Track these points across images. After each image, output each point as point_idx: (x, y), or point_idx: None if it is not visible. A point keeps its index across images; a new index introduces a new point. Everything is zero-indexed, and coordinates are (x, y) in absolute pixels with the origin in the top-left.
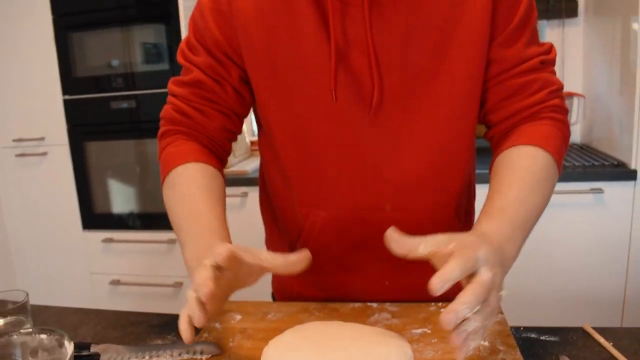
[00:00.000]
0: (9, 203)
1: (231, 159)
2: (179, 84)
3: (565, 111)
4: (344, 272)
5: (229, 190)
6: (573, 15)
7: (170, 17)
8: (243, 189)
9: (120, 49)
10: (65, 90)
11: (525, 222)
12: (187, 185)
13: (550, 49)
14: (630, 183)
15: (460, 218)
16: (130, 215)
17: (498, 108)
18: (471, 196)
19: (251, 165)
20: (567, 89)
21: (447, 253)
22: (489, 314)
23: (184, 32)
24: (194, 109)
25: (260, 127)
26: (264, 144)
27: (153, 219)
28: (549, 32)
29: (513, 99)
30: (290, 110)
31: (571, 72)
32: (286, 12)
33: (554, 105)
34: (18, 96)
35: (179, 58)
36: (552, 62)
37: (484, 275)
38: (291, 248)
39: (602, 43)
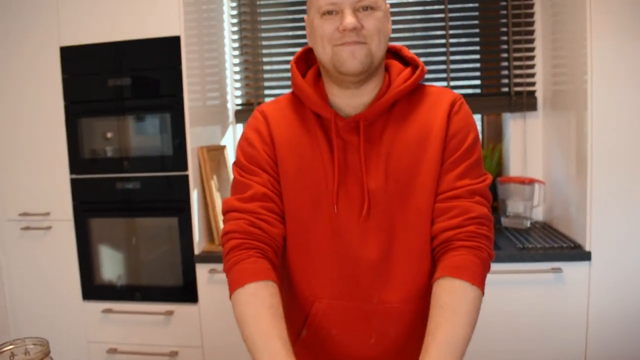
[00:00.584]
0: (11, 273)
1: None
2: (244, 200)
3: (482, 236)
4: (342, 347)
5: None
6: (533, 109)
7: (175, 107)
8: None
9: (127, 134)
10: (72, 170)
11: (455, 350)
12: (260, 306)
13: (483, 180)
14: (586, 263)
15: None
16: (130, 287)
17: (432, 225)
18: None
19: None
20: (529, 175)
21: None
22: None
23: (188, 122)
24: (264, 221)
25: None
26: None
27: (151, 291)
28: (512, 123)
29: (437, 220)
30: (299, 219)
31: (532, 160)
32: (309, 143)
33: (468, 232)
34: (27, 174)
35: (237, 176)
36: (480, 193)
37: None
38: (298, 332)
39: (559, 134)
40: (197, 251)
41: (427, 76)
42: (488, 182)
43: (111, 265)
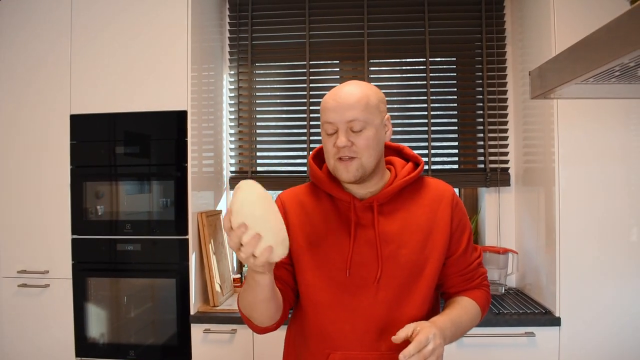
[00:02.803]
0: (4, 330)
1: (220, 297)
2: None
3: (488, 286)
4: None
5: (219, 327)
6: (506, 184)
7: (179, 175)
8: (232, 326)
9: (130, 198)
10: (74, 231)
11: (458, 323)
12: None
13: (480, 253)
14: (556, 328)
15: None
16: (124, 345)
17: (454, 289)
18: None
19: None
20: (502, 245)
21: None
22: None
23: (190, 189)
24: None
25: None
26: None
27: (145, 350)
28: (487, 197)
29: (464, 284)
30: (312, 284)
31: (506, 231)
32: (323, 222)
33: (483, 285)
34: (29, 232)
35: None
36: (481, 261)
37: (429, 346)
38: None
39: (530, 207)
40: (192, 311)
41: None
42: (481, 251)
43: (106, 323)
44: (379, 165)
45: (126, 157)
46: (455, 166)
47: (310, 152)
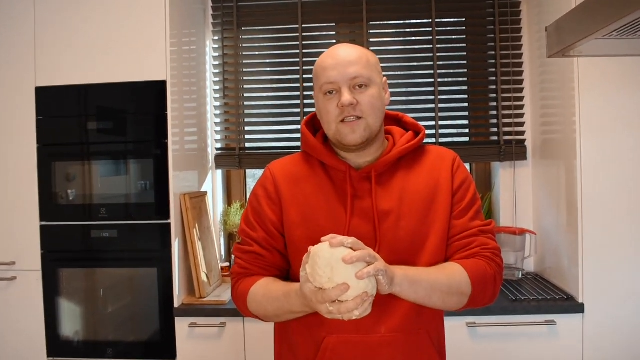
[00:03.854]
0: None
1: (207, 287)
2: (243, 252)
3: (495, 263)
4: None
5: (206, 320)
6: (522, 158)
7: (159, 153)
8: (221, 319)
9: (105, 180)
10: (43, 217)
11: (419, 275)
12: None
13: (489, 223)
14: (579, 315)
15: (433, 341)
16: (101, 343)
17: (449, 259)
18: (440, 325)
19: (227, 294)
20: (519, 225)
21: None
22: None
23: (172, 169)
24: (249, 270)
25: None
26: None
27: (125, 347)
28: (502, 172)
29: (457, 253)
30: None
31: (523, 210)
32: (316, 194)
33: (484, 256)
34: None
35: (240, 234)
36: (490, 232)
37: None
38: None
39: (549, 183)
40: (176, 304)
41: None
42: (493, 225)
43: (81, 319)
44: (380, 132)
45: (100, 134)
46: (466, 139)
47: None
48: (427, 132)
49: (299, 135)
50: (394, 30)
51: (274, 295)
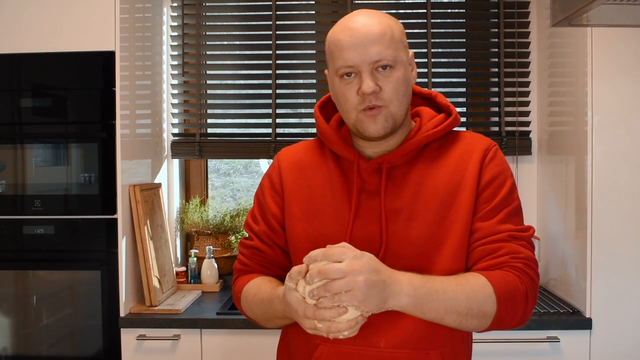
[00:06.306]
0: None
1: (159, 294)
2: (245, 246)
3: (527, 275)
4: None
5: (157, 332)
6: (527, 152)
7: (104, 137)
8: (175, 330)
9: (39, 167)
10: None
11: (431, 285)
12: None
13: (527, 229)
14: (586, 332)
15: None
16: (32, 358)
17: (470, 263)
18: (460, 347)
19: (183, 302)
20: None
21: None
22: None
23: (120, 156)
24: (248, 267)
25: None
26: None
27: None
28: None
29: (480, 263)
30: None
31: (526, 211)
32: (321, 187)
33: (514, 267)
34: None
35: (245, 228)
36: (525, 239)
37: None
38: None
39: (556, 181)
40: (123, 313)
41: None
42: (532, 231)
43: (9, 332)
44: (407, 116)
45: (35, 114)
46: (462, 128)
47: (279, 110)
48: None
49: (269, 121)
50: (382, 1)
51: (260, 297)
